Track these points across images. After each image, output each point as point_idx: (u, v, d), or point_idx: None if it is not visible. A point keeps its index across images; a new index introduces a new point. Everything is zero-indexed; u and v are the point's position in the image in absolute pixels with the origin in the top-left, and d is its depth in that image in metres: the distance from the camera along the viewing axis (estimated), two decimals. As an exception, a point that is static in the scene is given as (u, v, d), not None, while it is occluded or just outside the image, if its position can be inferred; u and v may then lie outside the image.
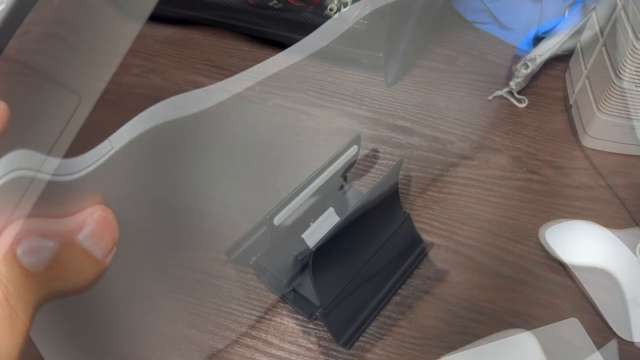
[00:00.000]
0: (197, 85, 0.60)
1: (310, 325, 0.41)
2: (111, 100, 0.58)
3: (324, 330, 0.41)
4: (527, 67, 0.55)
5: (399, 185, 0.45)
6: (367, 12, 0.58)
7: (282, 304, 0.42)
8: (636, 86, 0.48)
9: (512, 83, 0.57)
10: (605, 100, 0.50)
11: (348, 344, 0.40)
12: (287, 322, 0.41)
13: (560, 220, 0.47)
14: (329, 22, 0.52)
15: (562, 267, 0.45)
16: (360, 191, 0.47)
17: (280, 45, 0.63)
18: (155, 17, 0.67)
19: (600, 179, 0.51)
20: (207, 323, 0.41)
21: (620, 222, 0.48)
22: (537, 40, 0.63)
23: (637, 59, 0.46)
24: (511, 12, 0.64)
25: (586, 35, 0.56)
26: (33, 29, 0.20)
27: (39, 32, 0.21)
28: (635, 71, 0.47)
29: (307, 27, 0.60)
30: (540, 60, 0.55)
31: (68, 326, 0.21)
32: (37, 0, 0.20)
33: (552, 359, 0.39)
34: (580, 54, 0.57)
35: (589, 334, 0.39)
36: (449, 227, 0.47)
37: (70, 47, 0.22)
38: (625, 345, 0.40)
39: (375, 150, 0.54)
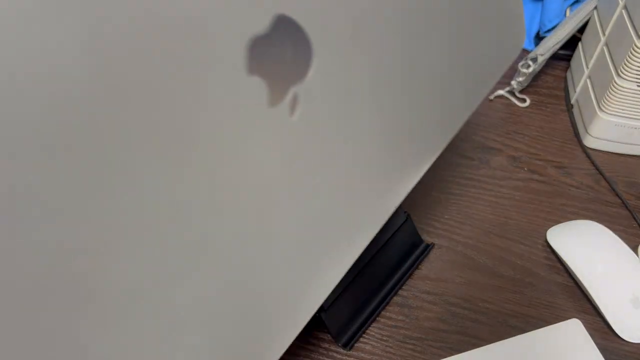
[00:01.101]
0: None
1: (311, 326, 0.41)
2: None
3: (324, 331, 0.41)
4: (528, 66, 0.55)
5: (400, 185, 0.45)
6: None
7: (282, 305, 0.42)
8: (638, 86, 0.48)
9: (513, 82, 0.57)
10: (607, 100, 0.50)
11: (348, 344, 0.40)
12: (287, 322, 0.41)
13: (562, 220, 0.47)
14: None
15: (563, 268, 0.45)
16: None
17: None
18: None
19: (601, 179, 0.51)
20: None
21: (621, 222, 0.48)
22: (539, 39, 0.63)
23: (639, 58, 0.46)
24: (512, 12, 0.64)
25: (587, 34, 0.56)
26: None
27: None
28: (637, 71, 0.47)
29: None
30: (541, 59, 0.55)
31: None
32: None
33: (553, 360, 0.39)
34: (581, 54, 0.56)
35: (591, 335, 0.39)
36: (450, 227, 0.47)
37: None
38: (627, 346, 0.40)
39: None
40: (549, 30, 0.61)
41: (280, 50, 0.19)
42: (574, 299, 0.43)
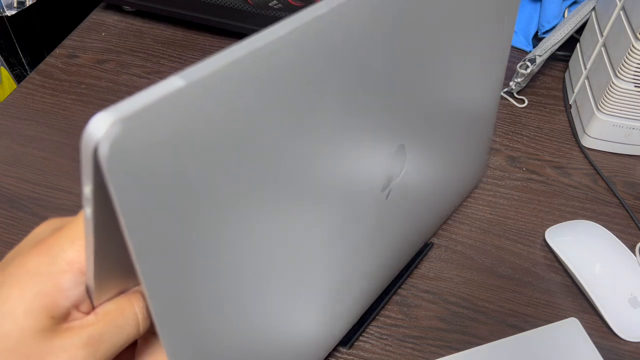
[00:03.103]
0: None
1: (310, 325, 0.41)
2: (109, 100, 0.58)
3: (323, 330, 0.41)
4: (526, 67, 0.55)
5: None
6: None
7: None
8: (635, 86, 0.48)
9: (511, 83, 0.57)
10: (605, 101, 0.50)
11: (348, 343, 0.40)
12: (287, 321, 0.41)
13: (560, 220, 0.47)
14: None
15: (561, 267, 0.45)
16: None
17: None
18: (156, 17, 0.67)
19: (599, 179, 0.51)
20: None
21: (619, 222, 0.48)
22: (537, 40, 0.63)
23: (637, 59, 0.46)
24: (511, 13, 0.64)
25: (586, 35, 0.56)
26: None
27: None
28: (635, 71, 0.47)
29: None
30: (540, 60, 0.55)
31: None
32: None
33: (551, 359, 0.39)
34: (579, 54, 0.57)
35: (589, 334, 0.40)
36: (449, 227, 0.47)
37: None
38: (625, 345, 0.40)
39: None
40: (547, 31, 0.61)
41: (395, 160, 0.33)
42: (572, 299, 0.43)
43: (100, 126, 0.15)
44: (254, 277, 0.25)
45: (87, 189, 0.17)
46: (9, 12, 0.63)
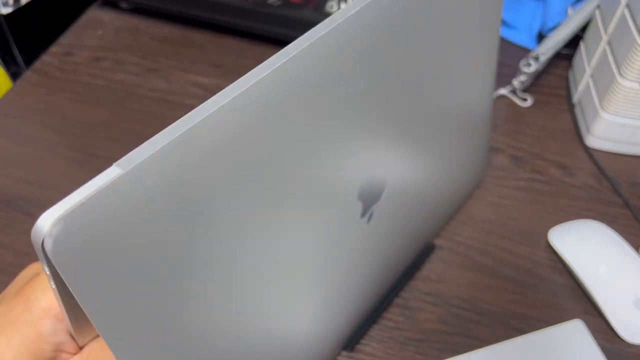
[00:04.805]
0: (198, 86, 0.59)
1: (310, 328, 0.41)
2: (105, 98, 0.58)
3: (324, 333, 0.40)
4: (530, 65, 0.55)
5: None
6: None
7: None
8: (640, 85, 0.47)
9: (515, 82, 0.57)
10: (609, 100, 0.49)
11: (349, 345, 0.39)
12: (287, 324, 0.41)
13: (564, 220, 0.47)
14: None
15: (565, 268, 0.44)
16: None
17: (279, 43, 0.62)
18: (152, 14, 0.66)
19: (604, 179, 0.51)
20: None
21: (623, 222, 0.47)
22: (541, 38, 0.62)
23: (642, 57, 0.45)
24: (514, 10, 0.63)
25: (589, 33, 0.56)
26: None
27: None
28: (639, 71, 0.46)
29: (307, 25, 0.59)
30: (543, 58, 0.55)
31: None
32: None
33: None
34: (583, 53, 0.56)
35: (593, 336, 0.39)
36: (451, 227, 0.47)
37: None
38: (630, 348, 0.40)
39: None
40: (551, 29, 0.61)
41: (372, 188, 0.32)
42: (576, 300, 0.42)
43: (45, 224, 0.17)
44: (244, 298, 0.26)
45: (45, 269, 0.19)
46: (5, 10, 0.63)
